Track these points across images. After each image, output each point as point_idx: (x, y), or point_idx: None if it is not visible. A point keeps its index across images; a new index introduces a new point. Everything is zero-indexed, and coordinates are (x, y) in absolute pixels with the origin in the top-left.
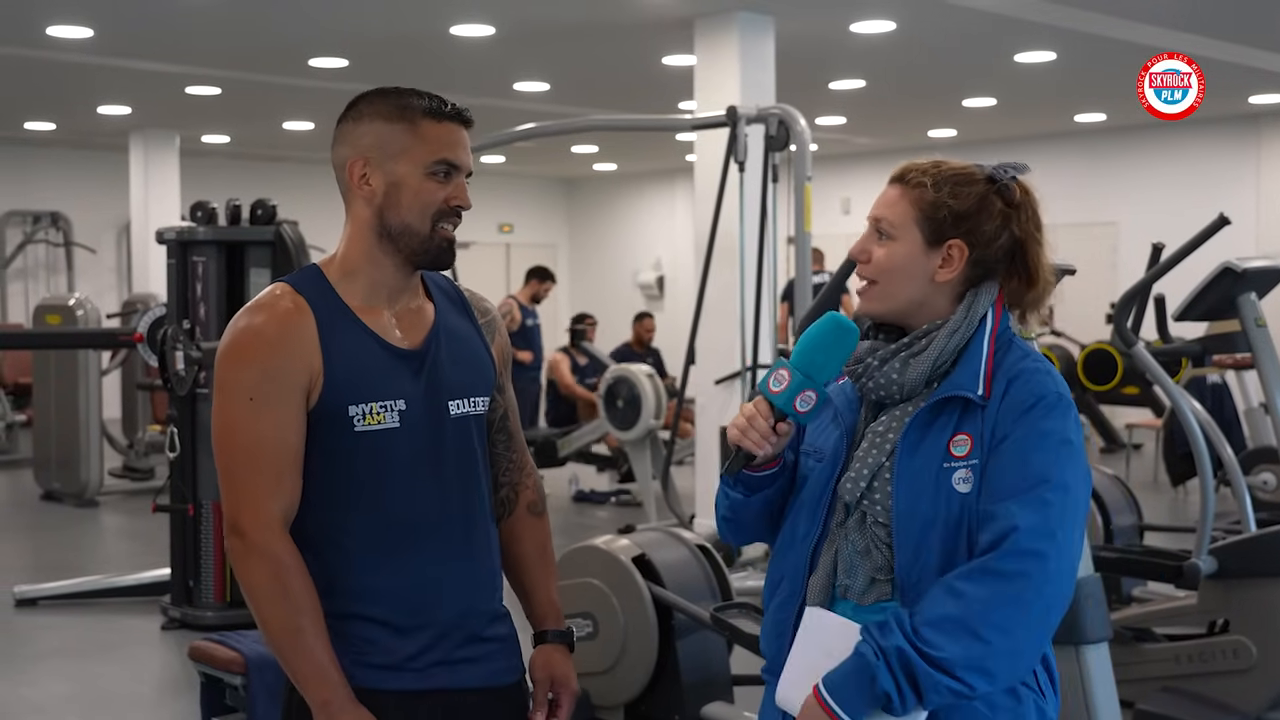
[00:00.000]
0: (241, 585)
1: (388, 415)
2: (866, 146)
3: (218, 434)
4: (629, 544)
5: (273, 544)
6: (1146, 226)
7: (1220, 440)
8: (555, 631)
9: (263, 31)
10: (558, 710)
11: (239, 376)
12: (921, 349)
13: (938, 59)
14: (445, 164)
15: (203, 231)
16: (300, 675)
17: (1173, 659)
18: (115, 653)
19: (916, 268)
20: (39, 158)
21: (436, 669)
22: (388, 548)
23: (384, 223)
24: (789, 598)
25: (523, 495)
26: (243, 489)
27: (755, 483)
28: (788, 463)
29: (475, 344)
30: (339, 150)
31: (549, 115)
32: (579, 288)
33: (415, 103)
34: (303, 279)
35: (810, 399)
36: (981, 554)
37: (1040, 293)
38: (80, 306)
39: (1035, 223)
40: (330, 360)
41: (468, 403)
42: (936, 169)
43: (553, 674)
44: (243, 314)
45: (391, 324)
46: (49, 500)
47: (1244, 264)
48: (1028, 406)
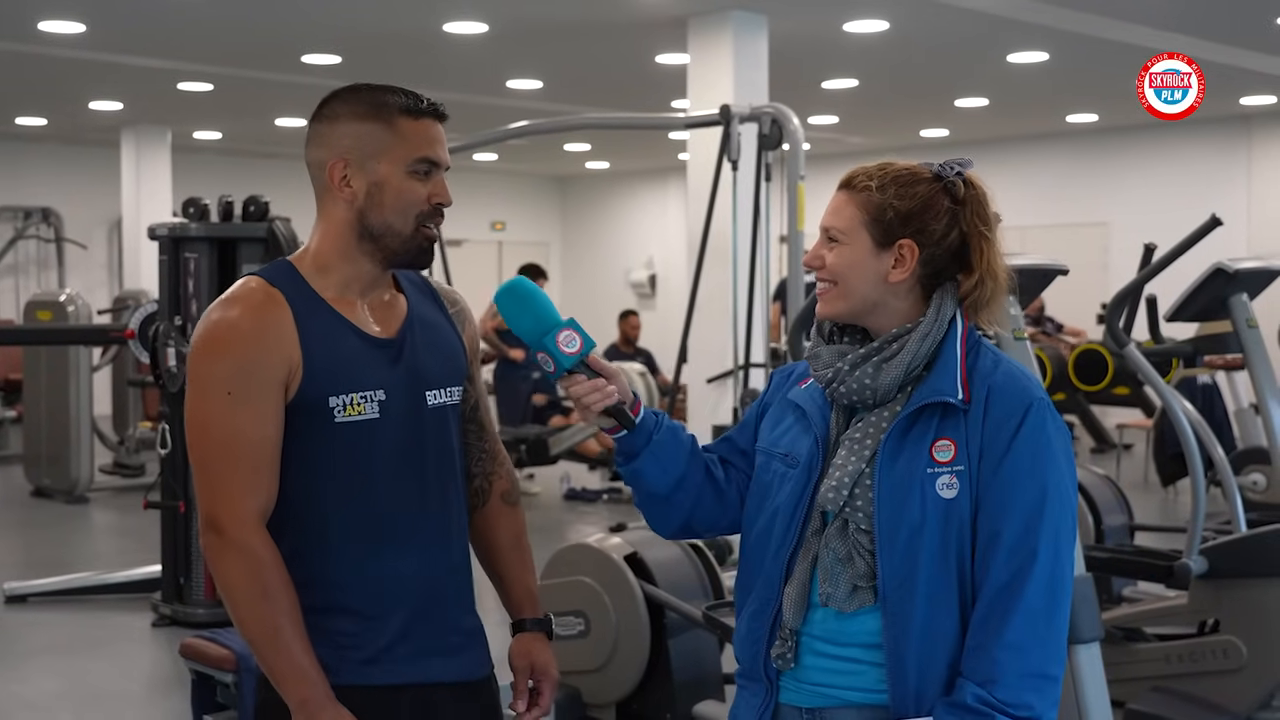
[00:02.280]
0: (218, 583)
1: (368, 406)
2: (859, 146)
3: (193, 429)
4: (621, 542)
5: (251, 541)
6: (1138, 227)
7: (1211, 440)
8: (534, 620)
9: (255, 27)
10: (538, 699)
11: (215, 370)
12: (893, 353)
13: (930, 59)
14: (426, 162)
15: (195, 227)
16: (278, 674)
17: (1163, 659)
18: (106, 650)
19: (868, 270)
20: (30, 153)
21: (414, 662)
22: (367, 539)
23: (366, 223)
24: (764, 605)
25: (496, 485)
26: (220, 485)
27: (622, 449)
28: (645, 427)
29: (448, 333)
30: (315, 151)
31: (542, 113)
32: (571, 286)
33: (391, 100)
34: (275, 272)
35: (572, 338)
36: (1004, 584)
37: (993, 289)
38: (71, 302)
39: (982, 218)
40: (309, 352)
41: (444, 392)
42: (882, 171)
43: (533, 662)
44: (216, 307)
45: (366, 315)
46: (39, 497)
47: (1236, 265)
48: (1018, 421)
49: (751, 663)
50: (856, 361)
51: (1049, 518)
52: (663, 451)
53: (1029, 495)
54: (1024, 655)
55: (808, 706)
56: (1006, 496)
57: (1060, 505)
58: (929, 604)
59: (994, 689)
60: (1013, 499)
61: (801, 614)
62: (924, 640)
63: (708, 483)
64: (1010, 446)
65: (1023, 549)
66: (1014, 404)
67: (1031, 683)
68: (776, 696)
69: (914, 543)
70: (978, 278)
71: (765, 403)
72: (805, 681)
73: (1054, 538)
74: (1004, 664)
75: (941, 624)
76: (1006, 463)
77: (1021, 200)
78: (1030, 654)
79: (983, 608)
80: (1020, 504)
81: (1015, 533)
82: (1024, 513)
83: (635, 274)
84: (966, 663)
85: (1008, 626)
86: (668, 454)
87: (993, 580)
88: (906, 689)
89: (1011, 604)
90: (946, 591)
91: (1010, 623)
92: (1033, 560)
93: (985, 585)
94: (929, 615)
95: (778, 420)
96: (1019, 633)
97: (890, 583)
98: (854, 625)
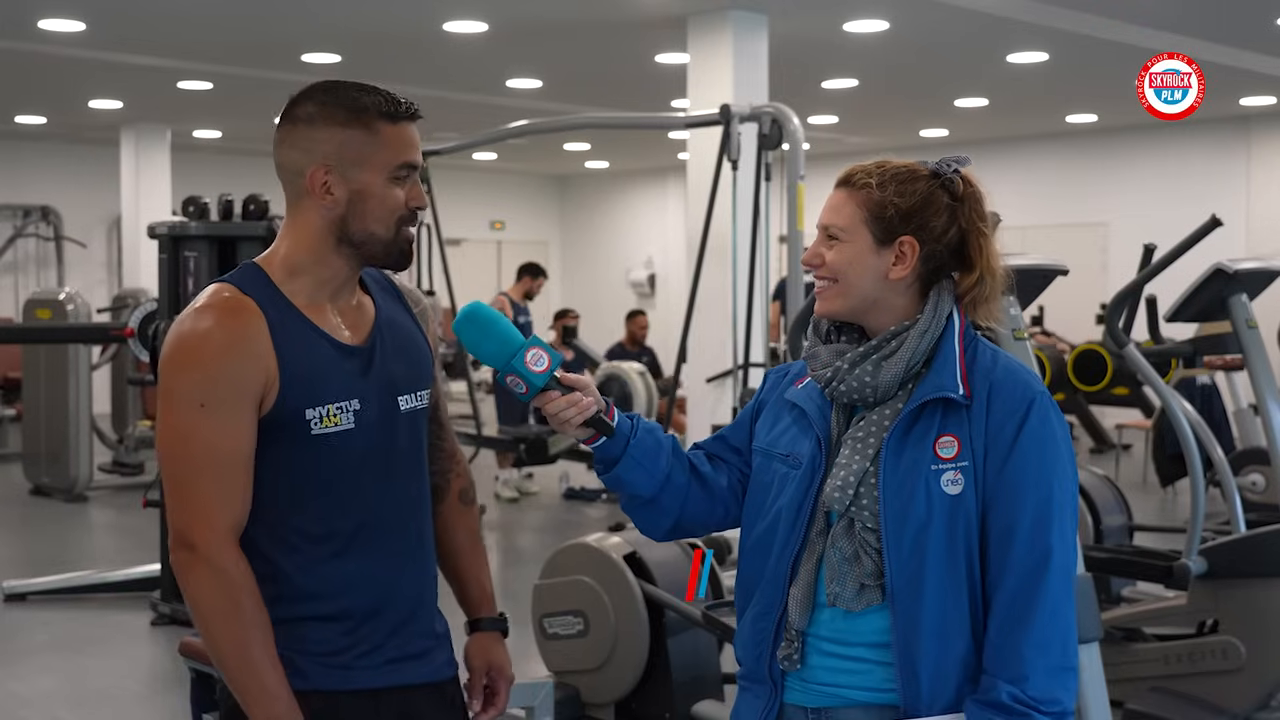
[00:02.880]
0: (188, 600)
1: (344, 416)
2: (859, 146)
3: (166, 443)
4: (620, 542)
5: (224, 558)
6: (1137, 227)
7: (1210, 441)
8: (490, 619)
9: (255, 26)
10: (494, 698)
11: (186, 382)
12: (893, 350)
13: (930, 59)
14: (407, 167)
15: (194, 226)
16: (245, 693)
17: (1162, 659)
18: (105, 648)
19: (868, 267)
20: (30, 151)
21: (390, 666)
22: (343, 547)
23: (346, 230)
24: (768, 607)
25: (454, 484)
26: (193, 500)
27: (601, 456)
28: (622, 432)
29: (415, 336)
30: (291, 154)
31: (541, 112)
32: (571, 285)
33: (368, 103)
34: (245, 278)
35: (540, 356)
36: (1024, 581)
37: (991, 286)
38: (70, 301)
39: (980, 214)
40: (284, 363)
41: (414, 397)
42: (880, 169)
43: (489, 661)
44: (187, 316)
45: (337, 322)
46: (38, 495)
47: (1235, 265)
48: (1021, 417)
49: (755, 664)
50: (856, 360)
51: (1058, 512)
52: (642, 454)
53: (1039, 491)
54: (1049, 651)
55: (814, 707)
56: (1016, 493)
57: (1068, 498)
58: (938, 600)
59: (1026, 686)
60: (1023, 496)
61: (807, 614)
62: (934, 636)
63: (694, 480)
64: (1015, 443)
65: (1038, 545)
66: (1016, 399)
67: (1058, 676)
68: (781, 697)
69: (921, 539)
70: (978, 274)
71: (760, 401)
72: (811, 682)
73: (1063, 531)
74: (1032, 661)
75: (951, 619)
76: (1013, 459)
77: (1021, 200)
78: (1053, 648)
79: (1003, 605)
80: (1031, 500)
81: (1028, 529)
82: (1035, 509)
83: (635, 273)
84: (992, 660)
85: (1032, 623)
86: (648, 456)
87: (1011, 577)
88: (917, 686)
89: (1033, 600)
90: (955, 587)
91: (1034, 619)
92: (1048, 556)
93: (1003, 582)
94: (938, 611)
95: (775, 420)
96: (1043, 628)
97: (898, 580)
98: (861, 624)
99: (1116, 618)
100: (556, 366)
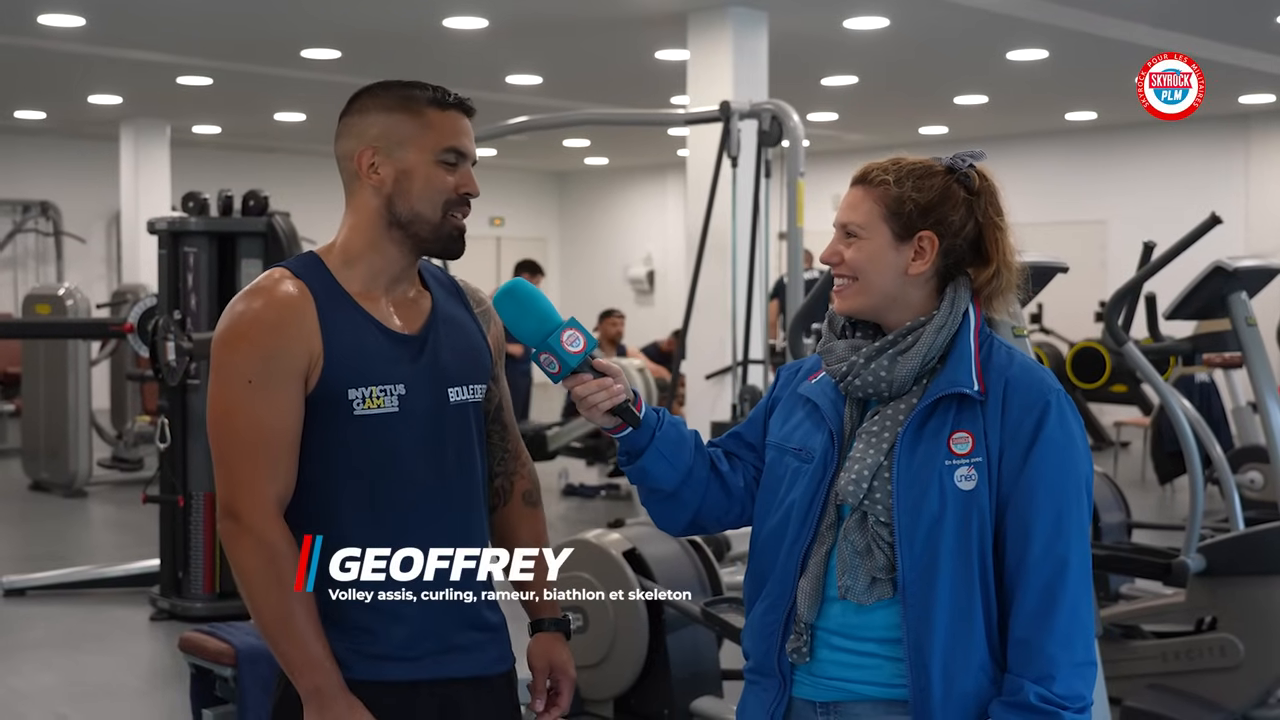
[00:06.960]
0: (234, 570)
1: (387, 399)
2: (859, 143)
3: (214, 418)
4: (619, 538)
5: (268, 529)
6: (1136, 225)
7: (1209, 438)
8: (552, 620)
9: (255, 22)
10: (557, 698)
11: (237, 360)
12: (908, 345)
13: (930, 56)
14: (453, 151)
15: (194, 222)
16: (291, 662)
17: (1160, 656)
18: (104, 644)
19: (888, 263)
20: (29, 146)
21: (431, 658)
22: (384, 533)
23: (394, 211)
24: (778, 600)
25: (518, 485)
26: (239, 473)
27: (626, 447)
28: (648, 423)
29: (472, 332)
30: (344, 143)
31: (541, 108)
32: (570, 282)
33: (419, 93)
34: (301, 264)
35: (576, 337)
36: (1046, 579)
37: (1008, 279)
38: (70, 296)
39: (996, 208)
40: (330, 343)
41: (466, 390)
42: (896, 165)
43: (551, 662)
44: (240, 298)
45: (390, 311)
46: (37, 490)
47: (1235, 263)
48: (1039, 415)
49: (764, 657)
50: (872, 355)
51: (1076, 511)
52: (667, 447)
53: (1058, 491)
54: (1072, 647)
55: (822, 701)
56: (1035, 493)
57: (1084, 496)
58: (950, 595)
59: (1052, 685)
60: (1042, 495)
61: (817, 608)
62: (946, 631)
63: (713, 477)
64: (1035, 442)
65: (1058, 545)
66: (1033, 398)
67: (1081, 673)
68: (790, 691)
69: (934, 534)
70: (995, 268)
71: (774, 398)
72: (820, 676)
73: (1081, 529)
74: (1057, 659)
75: (963, 614)
76: (1032, 459)
77: (1020, 198)
78: (1077, 645)
79: (1026, 603)
80: (1052, 499)
81: (1048, 529)
82: (1055, 509)
83: (634, 270)
84: (1016, 660)
85: (1055, 622)
86: (672, 449)
87: (1032, 577)
88: (927, 680)
89: (1055, 600)
90: (967, 582)
91: (1057, 618)
92: (1068, 554)
93: (1022, 582)
94: (950, 606)
95: (788, 415)
96: (1066, 627)
97: (910, 575)
98: (871, 618)
99: (1115, 615)
100: (592, 349)
